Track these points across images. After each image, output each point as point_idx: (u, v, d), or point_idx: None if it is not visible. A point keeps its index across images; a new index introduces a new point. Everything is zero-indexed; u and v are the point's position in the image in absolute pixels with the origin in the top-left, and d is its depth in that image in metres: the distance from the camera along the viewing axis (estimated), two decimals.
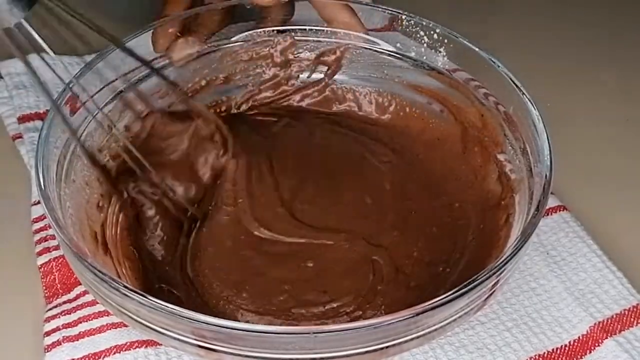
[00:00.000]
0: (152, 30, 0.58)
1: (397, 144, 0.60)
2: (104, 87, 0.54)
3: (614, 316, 0.51)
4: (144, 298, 0.41)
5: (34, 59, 0.67)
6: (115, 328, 0.49)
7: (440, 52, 0.59)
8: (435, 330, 0.43)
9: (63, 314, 0.50)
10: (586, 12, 0.79)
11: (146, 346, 0.48)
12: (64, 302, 0.51)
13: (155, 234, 0.52)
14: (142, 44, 0.57)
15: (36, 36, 0.45)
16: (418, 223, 0.54)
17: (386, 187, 0.57)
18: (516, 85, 0.53)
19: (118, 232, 0.52)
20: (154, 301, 0.40)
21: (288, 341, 0.40)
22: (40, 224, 0.56)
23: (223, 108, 0.63)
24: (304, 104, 0.64)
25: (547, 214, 0.57)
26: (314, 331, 0.40)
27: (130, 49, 0.52)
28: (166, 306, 0.40)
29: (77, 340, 0.49)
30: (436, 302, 0.41)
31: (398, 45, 0.61)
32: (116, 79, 0.55)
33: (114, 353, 0.48)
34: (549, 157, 0.48)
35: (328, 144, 0.61)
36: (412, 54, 0.60)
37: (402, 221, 0.54)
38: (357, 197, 0.56)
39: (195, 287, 0.50)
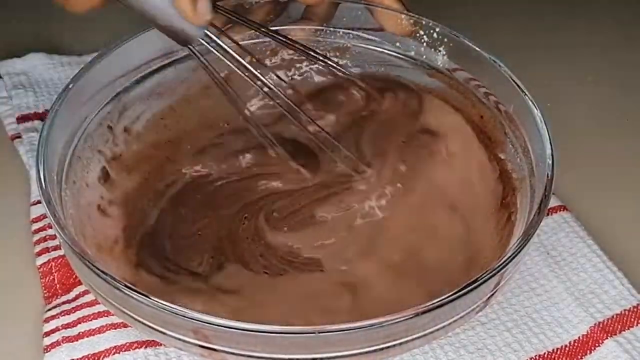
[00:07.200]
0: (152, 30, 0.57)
1: None
2: (103, 87, 0.54)
3: (615, 316, 0.51)
4: (145, 298, 0.40)
5: (33, 58, 0.68)
6: (115, 329, 0.49)
7: (440, 51, 0.59)
8: (438, 330, 0.43)
9: (62, 314, 0.50)
10: (587, 12, 0.79)
11: (146, 347, 0.48)
12: (63, 303, 0.51)
13: None
14: (140, 44, 0.56)
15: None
16: (417, 221, 0.54)
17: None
18: (517, 85, 0.53)
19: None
20: (155, 301, 0.40)
21: (291, 341, 0.40)
22: (40, 224, 0.55)
23: None
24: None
25: (548, 214, 0.57)
26: (317, 330, 0.39)
27: None
28: (168, 306, 0.40)
29: (77, 340, 0.48)
30: (438, 301, 0.41)
31: (397, 44, 0.60)
32: (116, 79, 0.55)
33: (114, 354, 0.48)
34: (550, 156, 0.48)
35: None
36: (412, 53, 0.60)
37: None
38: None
39: None
